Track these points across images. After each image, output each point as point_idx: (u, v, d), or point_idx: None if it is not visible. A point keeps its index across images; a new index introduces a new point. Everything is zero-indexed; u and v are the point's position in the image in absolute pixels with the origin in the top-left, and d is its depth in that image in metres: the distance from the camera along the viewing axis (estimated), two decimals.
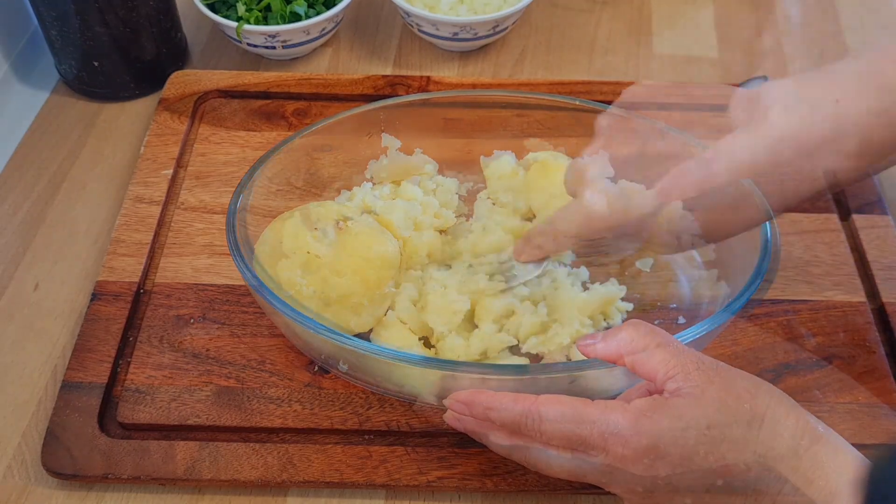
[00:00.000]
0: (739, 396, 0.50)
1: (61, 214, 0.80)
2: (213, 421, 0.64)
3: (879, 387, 0.66)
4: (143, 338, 0.68)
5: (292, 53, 0.93)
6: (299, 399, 0.65)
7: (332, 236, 0.72)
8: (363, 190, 0.76)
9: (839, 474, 0.49)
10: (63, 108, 0.89)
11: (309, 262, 0.70)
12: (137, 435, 0.64)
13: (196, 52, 0.95)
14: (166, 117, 0.84)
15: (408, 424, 0.64)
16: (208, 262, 0.73)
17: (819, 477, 0.49)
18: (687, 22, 1.00)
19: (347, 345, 0.57)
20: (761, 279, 0.61)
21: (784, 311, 0.71)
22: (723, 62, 0.95)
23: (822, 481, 0.49)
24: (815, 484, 0.49)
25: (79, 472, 0.62)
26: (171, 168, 0.80)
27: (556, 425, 0.52)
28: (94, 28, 0.83)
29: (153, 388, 0.65)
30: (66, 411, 0.64)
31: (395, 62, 0.95)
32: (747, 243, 0.65)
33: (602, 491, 0.61)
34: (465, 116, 0.77)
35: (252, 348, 0.68)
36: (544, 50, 0.96)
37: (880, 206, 0.78)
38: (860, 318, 0.70)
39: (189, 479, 0.61)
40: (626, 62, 0.95)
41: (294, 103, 0.86)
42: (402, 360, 0.57)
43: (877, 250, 0.75)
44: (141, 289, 0.72)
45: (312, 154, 0.72)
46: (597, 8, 1.01)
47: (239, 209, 0.66)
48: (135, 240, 0.75)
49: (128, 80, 0.89)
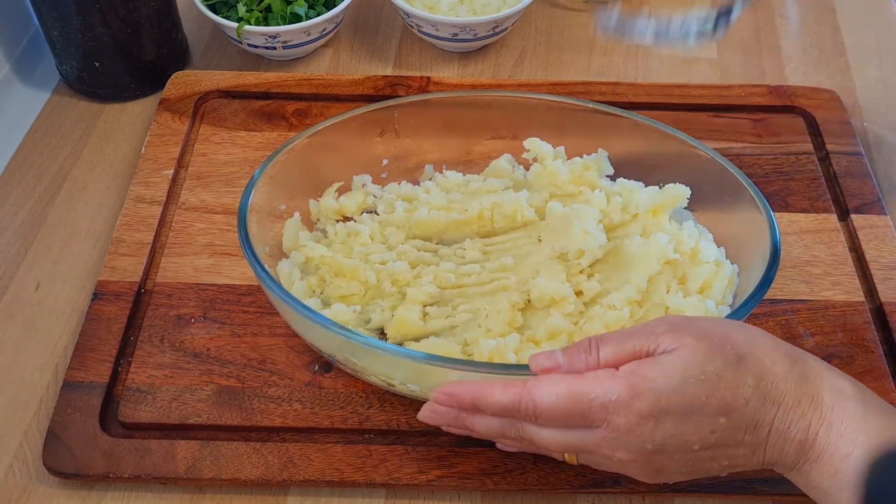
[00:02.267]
0: (720, 341, 0.52)
1: (62, 214, 0.80)
2: (213, 420, 0.64)
3: (878, 386, 0.66)
4: (143, 337, 0.69)
5: (293, 54, 0.93)
6: (300, 398, 0.65)
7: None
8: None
9: (826, 387, 0.51)
10: (64, 109, 0.89)
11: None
12: (138, 434, 0.64)
13: (197, 52, 0.95)
14: (167, 117, 0.85)
15: (408, 423, 0.64)
16: (209, 261, 0.73)
17: (805, 394, 0.51)
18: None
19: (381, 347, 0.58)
20: (767, 288, 0.61)
21: (783, 310, 0.71)
22: (722, 62, 0.95)
23: (809, 397, 0.51)
24: (804, 400, 0.51)
25: (80, 471, 0.62)
26: (172, 168, 0.80)
27: (553, 408, 0.51)
28: (96, 28, 0.83)
29: (154, 387, 0.66)
30: (67, 411, 0.64)
31: (395, 63, 0.95)
32: (751, 244, 0.66)
33: (601, 490, 0.61)
34: (465, 116, 0.77)
35: (253, 348, 0.68)
36: (544, 50, 0.97)
37: (879, 206, 0.78)
38: (859, 317, 0.71)
39: (190, 479, 0.62)
40: (626, 62, 0.95)
41: (294, 104, 0.86)
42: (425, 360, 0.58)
43: (875, 250, 0.75)
44: (142, 288, 0.72)
45: (313, 154, 0.72)
46: (597, 8, 1.01)
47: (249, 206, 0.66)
48: (136, 240, 0.75)
49: (129, 81, 0.89)
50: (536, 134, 0.75)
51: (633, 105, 0.85)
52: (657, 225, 0.70)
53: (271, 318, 0.70)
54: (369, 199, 0.76)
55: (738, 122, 0.85)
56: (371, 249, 0.71)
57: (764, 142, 0.83)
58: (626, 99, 0.86)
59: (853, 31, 0.99)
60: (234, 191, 0.79)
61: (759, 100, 0.87)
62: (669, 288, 0.66)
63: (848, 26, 0.99)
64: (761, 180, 0.80)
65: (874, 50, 0.97)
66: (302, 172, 0.72)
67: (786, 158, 0.82)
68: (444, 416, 0.57)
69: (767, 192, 0.78)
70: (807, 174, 0.81)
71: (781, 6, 1.02)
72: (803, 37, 0.99)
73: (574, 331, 0.64)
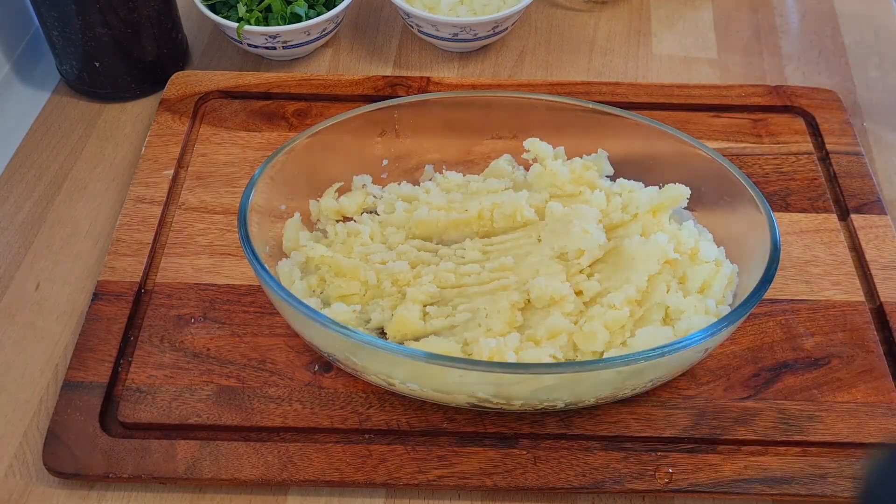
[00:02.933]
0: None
1: (62, 214, 0.80)
2: (213, 420, 0.64)
3: (878, 386, 0.66)
4: (143, 337, 0.69)
5: (293, 54, 0.93)
6: (299, 398, 0.65)
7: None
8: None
9: None
10: (64, 109, 0.89)
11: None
12: (138, 434, 0.64)
13: (197, 52, 0.96)
14: (167, 118, 0.85)
15: (408, 423, 0.64)
16: (209, 261, 0.74)
17: None
18: (686, 23, 1.01)
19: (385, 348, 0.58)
20: (767, 288, 0.61)
21: (783, 310, 0.71)
22: (722, 63, 0.95)
23: None
24: None
25: (80, 471, 0.62)
26: (172, 168, 0.80)
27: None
28: (96, 28, 0.84)
29: (154, 387, 0.66)
30: (67, 411, 0.64)
31: (395, 63, 0.95)
32: (750, 244, 0.66)
33: (601, 491, 0.61)
34: (465, 117, 0.77)
35: (253, 348, 0.68)
36: (544, 50, 0.97)
37: (879, 205, 0.78)
38: (859, 317, 0.71)
39: (190, 479, 0.62)
40: (626, 63, 0.95)
41: (294, 104, 0.86)
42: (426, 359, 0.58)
43: (875, 250, 0.75)
44: (142, 288, 0.72)
45: (313, 154, 0.72)
46: (596, 8, 1.02)
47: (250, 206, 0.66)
48: (136, 240, 0.75)
49: (129, 81, 0.89)
50: (536, 134, 0.75)
51: (633, 105, 0.85)
52: (657, 225, 0.70)
53: (271, 318, 0.70)
54: (369, 199, 0.76)
55: (738, 122, 0.85)
56: (371, 249, 0.71)
57: (764, 142, 0.83)
58: (626, 99, 0.86)
59: (853, 32, 0.99)
60: (235, 191, 0.79)
61: (758, 100, 0.87)
62: (669, 287, 0.66)
63: (848, 26, 0.99)
64: (761, 180, 0.80)
65: (874, 50, 0.97)
66: (302, 173, 0.72)
67: (786, 158, 0.82)
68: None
69: (767, 192, 0.78)
70: (807, 174, 0.81)
71: (781, 6, 1.02)
72: (803, 37, 0.99)
73: (574, 330, 0.64)
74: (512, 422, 0.64)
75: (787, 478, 0.62)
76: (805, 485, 0.61)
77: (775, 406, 0.65)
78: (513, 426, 0.64)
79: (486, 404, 0.62)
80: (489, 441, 0.64)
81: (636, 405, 0.65)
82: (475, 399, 0.61)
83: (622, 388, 0.62)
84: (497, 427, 0.64)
